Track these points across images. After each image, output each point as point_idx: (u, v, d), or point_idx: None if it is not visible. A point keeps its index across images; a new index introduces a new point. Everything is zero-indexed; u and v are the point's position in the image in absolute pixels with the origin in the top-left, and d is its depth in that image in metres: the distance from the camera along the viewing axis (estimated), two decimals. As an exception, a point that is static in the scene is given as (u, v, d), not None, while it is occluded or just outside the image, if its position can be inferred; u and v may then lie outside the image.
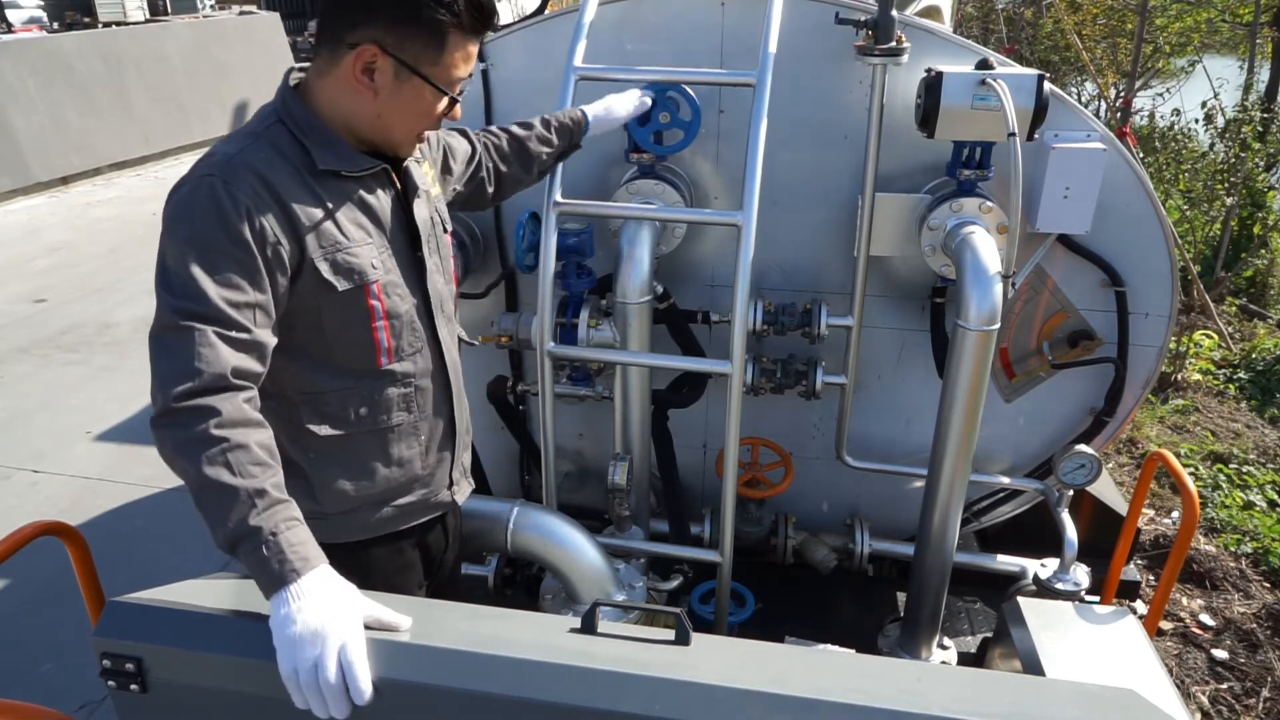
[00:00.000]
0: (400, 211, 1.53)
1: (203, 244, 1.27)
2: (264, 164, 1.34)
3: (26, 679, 3.02)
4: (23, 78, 9.81)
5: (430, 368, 1.60)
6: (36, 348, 5.81)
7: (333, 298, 1.41)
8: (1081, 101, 9.18)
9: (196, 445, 1.19)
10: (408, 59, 1.35)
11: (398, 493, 1.61)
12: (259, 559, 1.16)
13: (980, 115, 2.14)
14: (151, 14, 19.06)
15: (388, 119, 1.41)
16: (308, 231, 1.36)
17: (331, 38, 1.37)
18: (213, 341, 1.23)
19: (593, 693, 1.14)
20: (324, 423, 1.49)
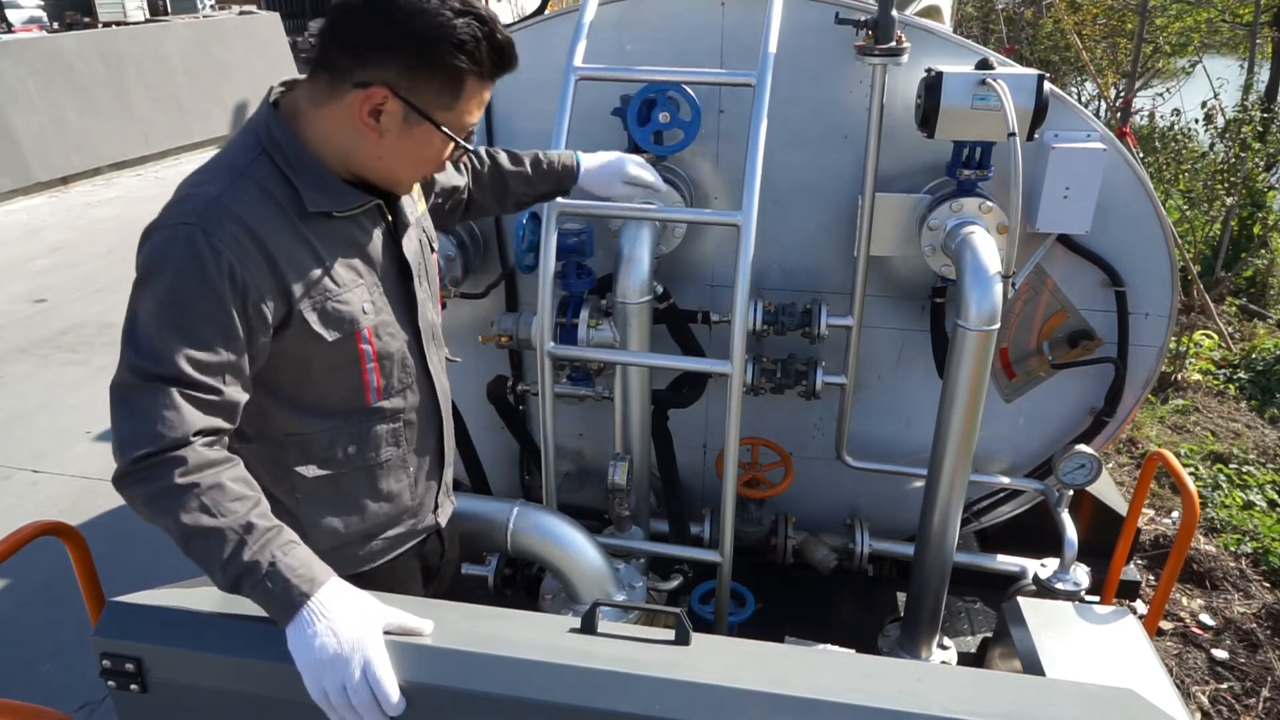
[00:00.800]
0: (391, 245, 1.45)
1: (177, 302, 1.19)
2: (248, 210, 1.24)
3: (26, 679, 3.02)
4: (23, 78, 9.81)
5: (420, 400, 1.55)
6: (36, 348, 5.81)
7: (321, 346, 1.34)
8: (1081, 101, 9.18)
9: (167, 498, 1.15)
10: (420, 104, 1.25)
11: (386, 525, 1.57)
12: (264, 592, 1.14)
13: (980, 115, 2.14)
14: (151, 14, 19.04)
15: (390, 162, 1.33)
16: (295, 282, 1.28)
17: (335, 69, 1.26)
18: (177, 403, 1.16)
19: (593, 693, 1.14)
20: (311, 463, 1.43)
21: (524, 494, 3.06)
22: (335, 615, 1.14)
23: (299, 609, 1.13)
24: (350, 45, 1.24)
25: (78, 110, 10.36)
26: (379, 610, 1.19)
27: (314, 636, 1.12)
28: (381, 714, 1.12)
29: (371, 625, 1.16)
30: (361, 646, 1.12)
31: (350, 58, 1.24)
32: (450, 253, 2.56)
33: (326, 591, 1.15)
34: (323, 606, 1.14)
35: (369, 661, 1.12)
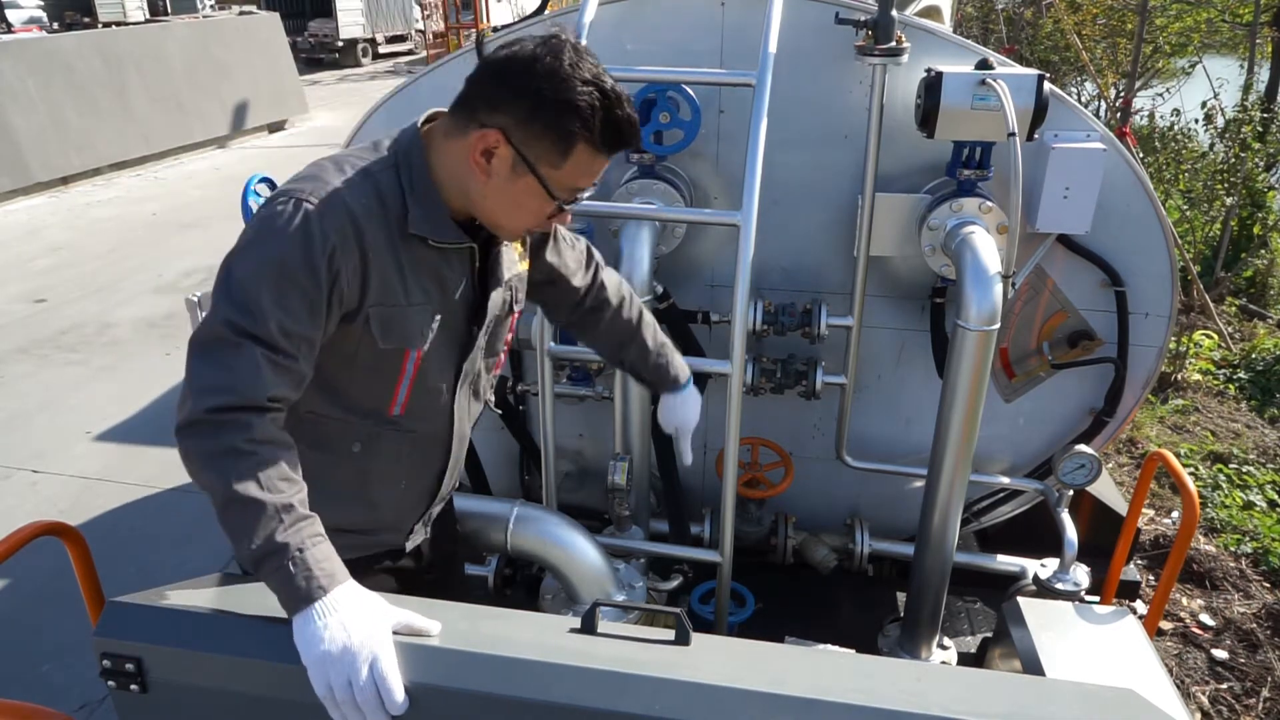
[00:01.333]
0: (470, 293, 1.50)
1: (280, 267, 1.25)
2: (361, 209, 1.32)
3: (26, 679, 3.02)
4: (22, 78, 9.81)
5: (435, 434, 1.58)
6: (36, 348, 5.81)
7: (373, 349, 1.40)
8: (1081, 101, 9.18)
9: (226, 458, 1.18)
10: (529, 155, 1.32)
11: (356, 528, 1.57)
12: (285, 576, 1.15)
13: (980, 115, 2.14)
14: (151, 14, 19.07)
15: (493, 203, 1.38)
16: (375, 283, 1.35)
17: (467, 108, 1.35)
18: (260, 362, 1.22)
19: (593, 693, 1.14)
20: (316, 446, 1.46)
21: (524, 494, 3.06)
22: (346, 611, 1.14)
23: (313, 601, 1.14)
24: (486, 89, 1.34)
25: (78, 110, 10.36)
26: (388, 610, 1.20)
27: (324, 629, 1.12)
28: (385, 713, 1.12)
29: (381, 624, 1.16)
30: (371, 644, 1.13)
31: (483, 100, 1.33)
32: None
33: (342, 590, 1.16)
34: (335, 603, 1.14)
35: (377, 659, 1.12)
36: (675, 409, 2.01)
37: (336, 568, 1.18)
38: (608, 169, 2.59)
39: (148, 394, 5.13)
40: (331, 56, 22.08)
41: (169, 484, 4.18)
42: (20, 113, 9.67)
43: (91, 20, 19.26)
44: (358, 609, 1.15)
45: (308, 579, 1.14)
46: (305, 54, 21.16)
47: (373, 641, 1.13)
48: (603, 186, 2.55)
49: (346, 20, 22.06)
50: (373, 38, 23.26)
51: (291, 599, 1.15)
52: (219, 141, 12.48)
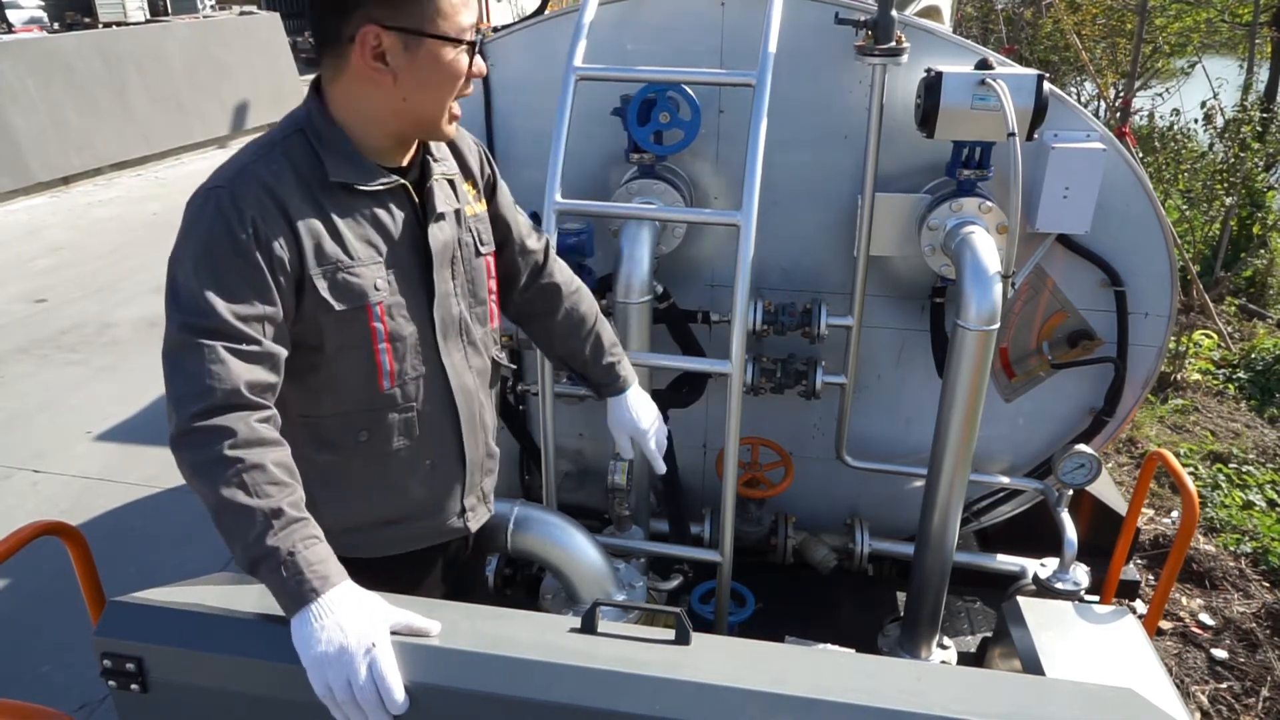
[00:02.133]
0: (415, 231, 1.46)
1: (209, 257, 1.25)
2: (272, 175, 1.30)
3: (26, 679, 3.02)
4: (23, 78, 9.81)
5: (434, 394, 1.53)
6: (36, 348, 5.81)
7: (331, 317, 1.37)
8: (1081, 101, 9.18)
9: (212, 467, 1.18)
10: (411, 25, 1.28)
11: (401, 519, 1.57)
12: (278, 579, 1.15)
13: (980, 115, 2.14)
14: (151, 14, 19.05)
15: (415, 98, 1.34)
16: (309, 248, 1.32)
17: (328, 39, 1.32)
18: (223, 357, 1.21)
19: (593, 693, 1.15)
20: (323, 448, 1.45)
21: (524, 494, 3.06)
22: (342, 612, 1.14)
23: (307, 603, 1.14)
24: (329, 8, 1.29)
25: (78, 110, 10.36)
26: (387, 610, 1.19)
27: (320, 630, 1.12)
28: (385, 712, 1.12)
29: (380, 623, 1.16)
30: (369, 643, 1.13)
31: (332, 18, 1.29)
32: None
33: (337, 591, 1.16)
34: (331, 604, 1.14)
35: (376, 659, 1.12)
36: (630, 410, 1.88)
37: (331, 569, 1.18)
38: (608, 168, 2.60)
39: (148, 394, 5.13)
40: (331, 56, 22.05)
41: (169, 484, 4.18)
42: (20, 113, 9.67)
43: (91, 20, 19.21)
44: (355, 609, 1.15)
45: (300, 581, 1.14)
46: (305, 54, 21.11)
47: (371, 641, 1.13)
48: (603, 186, 2.55)
49: (346, 20, 22.03)
50: (373, 38, 23.22)
51: (287, 601, 1.16)
52: (219, 141, 12.48)
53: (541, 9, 2.72)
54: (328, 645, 1.11)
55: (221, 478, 1.17)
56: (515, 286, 1.78)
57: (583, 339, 1.82)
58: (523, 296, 1.80)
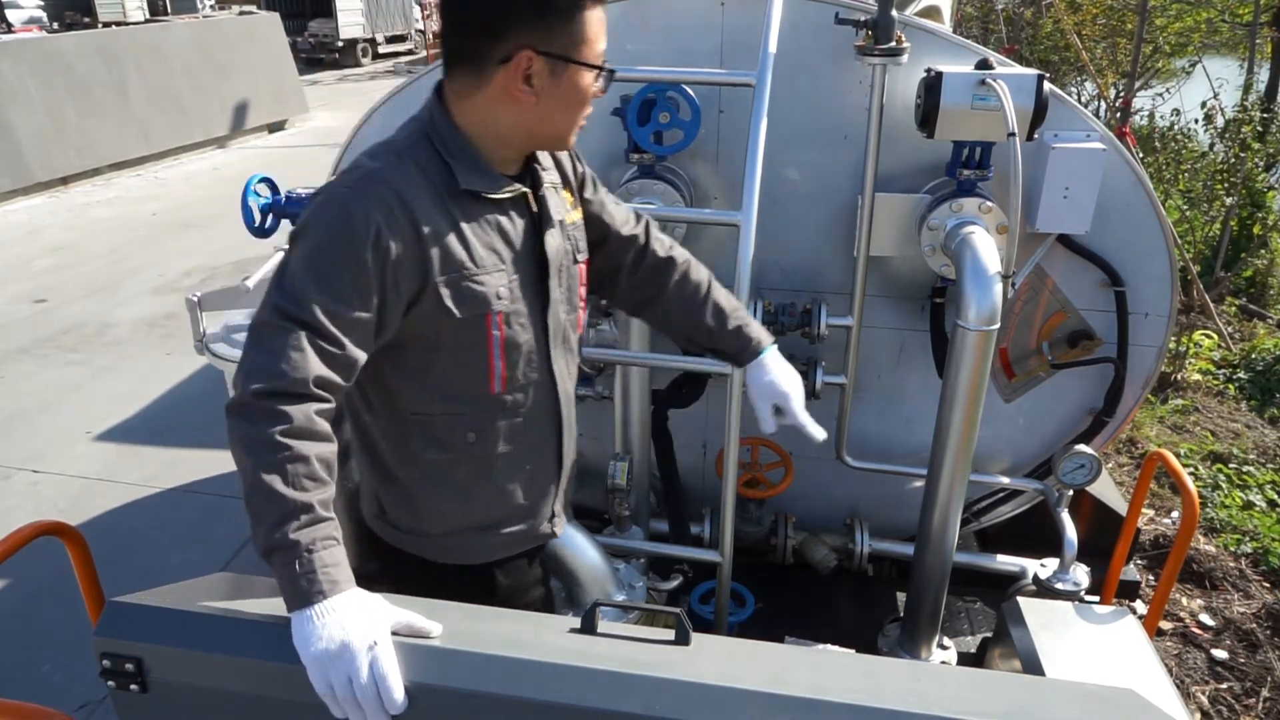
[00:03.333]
0: (533, 239, 1.48)
1: (323, 254, 1.27)
2: (403, 181, 1.32)
3: (26, 679, 3.02)
4: (22, 78, 9.81)
5: (541, 400, 1.55)
6: (36, 348, 5.81)
7: (452, 323, 1.38)
8: (1081, 101, 9.18)
9: (259, 446, 1.19)
10: (559, 51, 1.32)
11: (500, 522, 1.59)
12: (290, 573, 1.16)
13: (980, 115, 2.14)
14: (151, 14, 19.07)
15: (551, 117, 1.38)
16: (436, 256, 1.34)
17: (471, 59, 1.34)
18: (304, 347, 1.23)
19: (593, 693, 1.14)
20: (431, 446, 1.48)
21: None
22: (345, 612, 1.15)
23: (311, 603, 1.14)
24: (476, 28, 1.32)
25: (77, 110, 10.36)
26: (389, 610, 1.20)
27: (321, 628, 1.13)
28: (384, 711, 1.12)
29: (381, 623, 1.16)
30: (371, 641, 1.13)
31: (482, 40, 1.32)
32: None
33: (343, 596, 1.16)
34: (334, 605, 1.15)
35: (378, 657, 1.12)
36: (770, 374, 1.72)
37: (342, 575, 1.18)
38: (608, 168, 2.60)
39: (148, 394, 5.13)
40: (331, 56, 22.08)
41: (169, 484, 4.18)
42: (20, 113, 9.67)
43: (91, 20, 19.26)
44: (357, 610, 1.16)
45: (310, 581, 1.15)
46: (305, 54, 21.16)
47: (372, 639, 1.13)
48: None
49: (346, 20, 22.06)
50: (373, 38, 23.26)
51: (292, 597, 1.16)
52: (219, 142, 12.48)
53: (541, 9, 2.71)
54: (329, 643, 1.12)
55: (264, 460, 1.19)
56: (622, 275, 1.74)
57: (700, 307, 1.73)
58: (631, 283, 1.75)
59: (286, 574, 1.16)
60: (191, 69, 12.11)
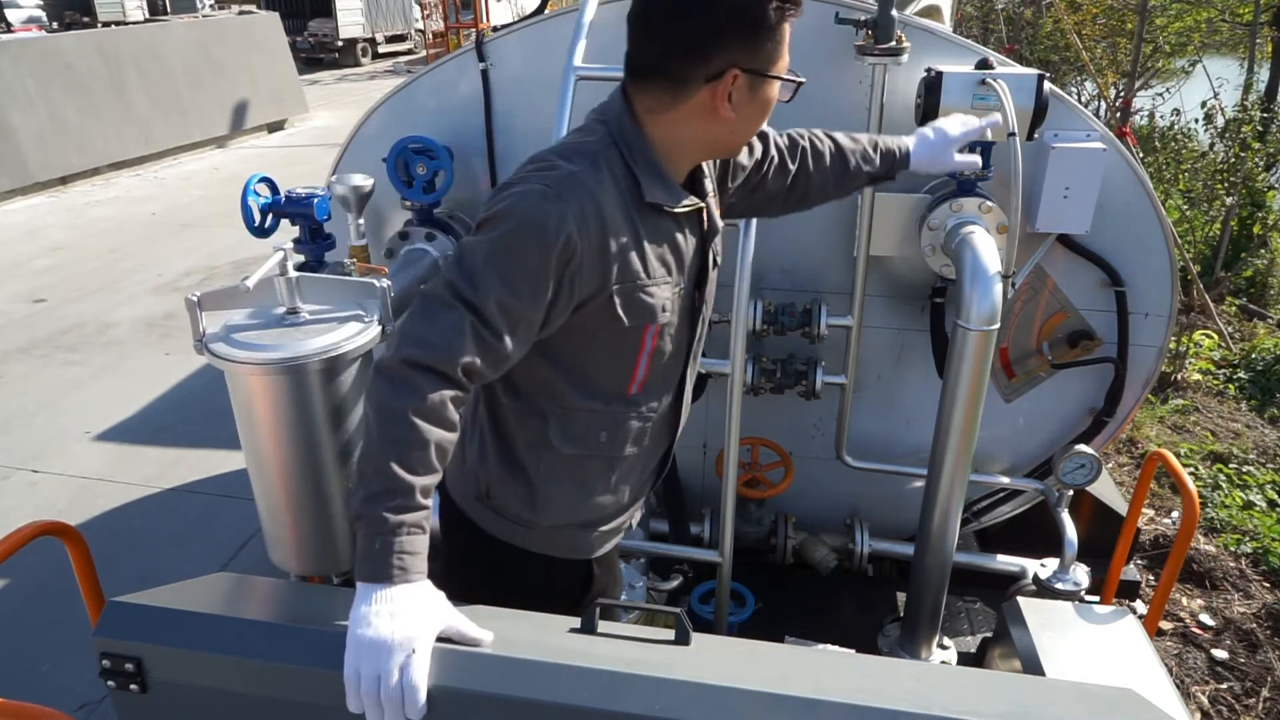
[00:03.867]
0: (700, 253, 1.51)
1: (510, 246, 1.27)
2: (598, 186, 1.32)
3: (26, 679, 3.02)
4: (22, 77, 9.81)
5: (667, 406, 1.59)
6: (36, 348, 5.81)
7: (615, 328, 1.40)
8: (1081, 101, 9.18)
9: (390, 416, 1.21)
10: (759, 67, 1.33)
11: (606, 519, 1.62)
12: (369, 547, 1.17)
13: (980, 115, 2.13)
14: (151, 14, 19.06)
15: (742, 131, 1.41)
16: (616, 265, 1.35)
17: (670, 76, 1.33)
18: (466, 330, 1.24)
19: (593, 693, 1.14)
20: (567, 441, 1.49)
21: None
22: (401, 606, 1.15)
23: (376, 581, 1.16)
24: (683, 51, 1.31)
25: (77, 110, 10.35)
26: (443, 614, 1.20)
27: (374, 615, 1.14)
28: (403, 716, 1.12)
29: (429, 627, 1.17)
30: (410, 644, 1.13)
31: (687, 60, 1.31)
32: (450, 252, 2.56)
33: (407, 588, 1.17)
34: (396, 594, 1.16)
35: (410, 664, 1.12)
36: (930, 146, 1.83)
37: (416, 566, 1.19)
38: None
39: (148, 394, 5.13)
40: (331, 56, 22.09)
41: (169, 484, 4.18)
42: (20, 113, 9.67)
43: (91, 20, 19.27)
44: (413, 605, 1.16)
45: (384, 559, 1.16)
46: (305, 54, 21.16)
47: (412, 643, 1.13)
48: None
49: (346, 20, 22.06)
50: (372, 37, 23.27)
51: (362, 568, 1.17)
52: (218, 141, 12.47)
53: (541, 9, 2.72)
54: (374, 633, 1.12)
55: (389, 431, 1.20)
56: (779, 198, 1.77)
57: (848, 164, 1.78)
58: (792, 196, 1.78)
59: (366, 546, 1.18)
60: (191, 69, 12.11)
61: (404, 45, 24.85)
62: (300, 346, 1.89)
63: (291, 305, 2.00)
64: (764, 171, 1.70)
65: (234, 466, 4.25)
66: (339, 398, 1.99)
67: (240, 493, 3.99)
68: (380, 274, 2.15)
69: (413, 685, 1.12)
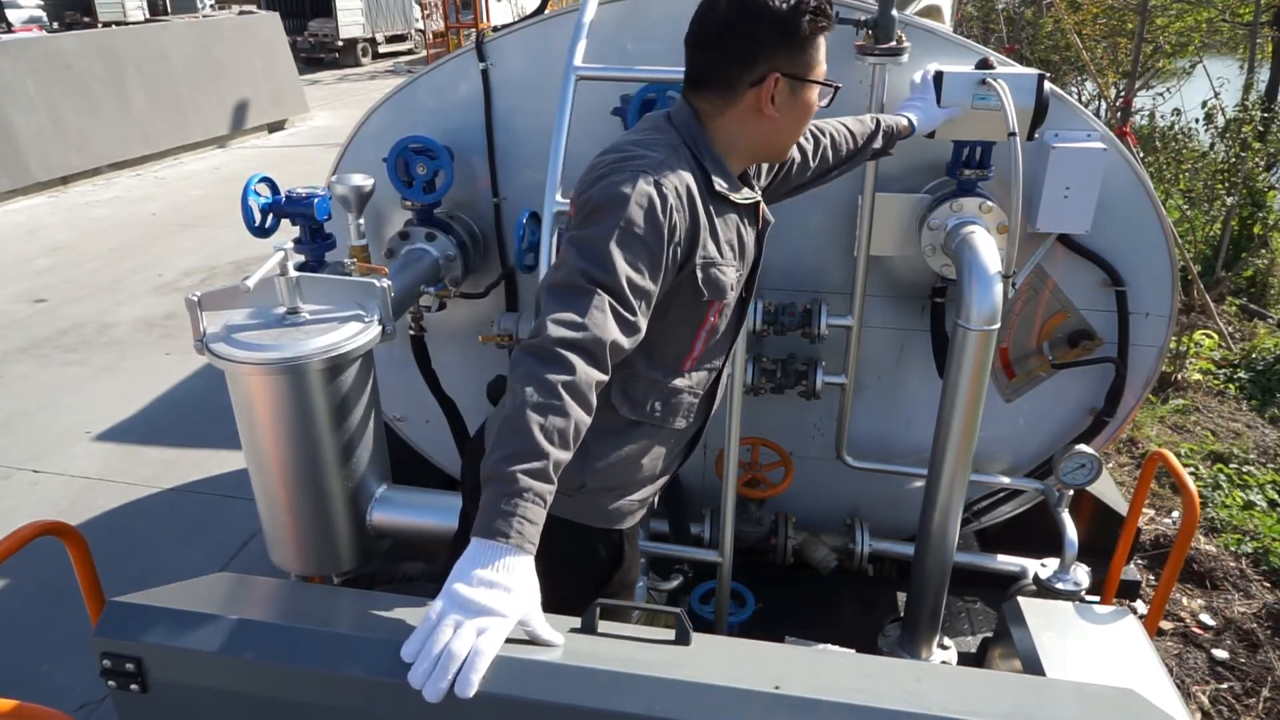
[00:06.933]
0: (756, 245, 1.65)
1: (627, 229, 1.36)
2: (686, 172, 1.46)
3: (26, 679, 3.02)
4: (22, 77, 9.81)
5: (710, 386, 1.70)
6: (36, 348, 5.81)
7: (692, 300, 1.52)
8: (1082, 101, 9.18)
9: (539, 386, 1.26)
10: (799, 73, 1.48)
11: (640, 486, 1.70)
12: (495, 504, 1.20)
13: (980, 115, 2.14)
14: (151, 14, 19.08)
15: (786, 133, 1.55)
16: (700, 241, 1.48)
17: (724, 80, 1.48)
18: (605, 309, 1.33)
19: (593, 693, 1.14)
20: (626, 404, 1.59)
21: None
22: (505, 577, 1.17)
23: (494, 539, 1.18)
24: (730, 59, 1.47)
25: (77, 110, 10.35)
26: (533, 603, 1.21)
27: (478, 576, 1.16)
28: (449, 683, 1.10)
29: (518, 608, 1.18)
30: (496, 617, 1.14)
31: (733, 65, 1.47)
32: (450, 253, 2.56)
33: (520, 556, 1.19)
34: (510, 564, 1.18)
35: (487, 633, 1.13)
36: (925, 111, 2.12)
37: (531, 534, 1.21)
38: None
39: (148, 394, 5.13)
40: (331, 56, 22.08)
41: (169, 484, 4.19)
42: (20, 113, 9.67)
43: (91, 20, 19.27)
44: (515, 581, 1.17)
45: (506, 519, 1.19)
46: (305, 54, 21.16)
47: (499, 616, 1.14)
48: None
49: (346, 20, 22.06)
50: (372, 37, 23.27)
51: (482, 522, 1.20)
52: (219, 141, 12.47)
53: (541, 9, 2.72)
54: (471, 593, 1.14)
55: (536, 400, 1.25)
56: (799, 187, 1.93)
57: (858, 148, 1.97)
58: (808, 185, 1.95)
59: (491, 503, 1.21)
60: (191, 69, 12.11)
61: (404, 45, 24.85)
62: (301, 346, 1.89)
63: (292, 305, 2.00)
64: (787, 168, 1.85)
65: (234, 466, 4.25)
66: (339, 398, 1.99)
67: (240, 493, 4.00)
68: (380, 274, 2.15)
69: (479, 654, 1.11)
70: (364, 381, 2.06)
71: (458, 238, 2.59)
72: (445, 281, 2.58)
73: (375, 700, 1.20)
